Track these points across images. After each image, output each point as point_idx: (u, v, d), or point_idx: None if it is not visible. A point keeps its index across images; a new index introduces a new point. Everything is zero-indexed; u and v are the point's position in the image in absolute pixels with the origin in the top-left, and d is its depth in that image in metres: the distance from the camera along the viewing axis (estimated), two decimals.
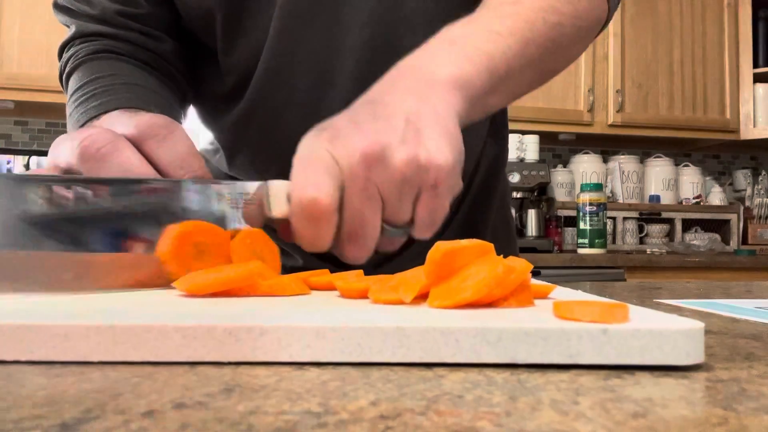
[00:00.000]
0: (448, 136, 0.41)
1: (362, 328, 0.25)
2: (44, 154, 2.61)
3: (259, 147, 0.67)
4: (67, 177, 0.40)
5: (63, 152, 0.44)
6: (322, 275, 0.42)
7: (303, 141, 0.40)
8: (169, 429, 0.18)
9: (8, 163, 2.66)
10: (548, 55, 0.53)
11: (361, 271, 0.43)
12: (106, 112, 0.55)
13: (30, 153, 2.68)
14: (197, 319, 0.26)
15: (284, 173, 0.41)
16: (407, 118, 0.40)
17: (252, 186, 0.41)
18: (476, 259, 0.33)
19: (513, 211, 2.59)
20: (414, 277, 0.34)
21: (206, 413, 0.19)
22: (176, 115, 0.65)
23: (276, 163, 0.49)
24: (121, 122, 0.47)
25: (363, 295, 0.35)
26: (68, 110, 0.61)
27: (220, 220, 0.41)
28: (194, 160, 0.45)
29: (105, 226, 0.38)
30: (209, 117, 0.72)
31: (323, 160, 0.38)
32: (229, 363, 0.26)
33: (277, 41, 0.62)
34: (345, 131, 0.40)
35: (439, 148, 0.40)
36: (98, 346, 0.25)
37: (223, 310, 0.30)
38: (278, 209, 0.40)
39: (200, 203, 0.41)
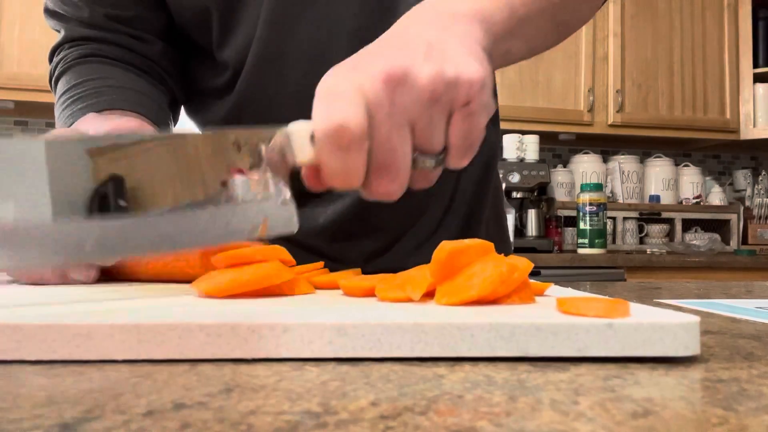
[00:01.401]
0: (474, 53, 0.38)
1: (382, 324, 0.26)
2: None
3: None
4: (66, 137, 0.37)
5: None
6: (323, 274, 0.43)
7: (323, 79, 0.37)
8: (169, 429, 0.18)
9: None
10: (561, 5, 0.53)
11: (359, 270, 0.43)
12: (94, 112, 0.56)
13: None
14: (220, 318, 0.27)
15: None
16: (429, 43, 0.38)
17: (270, 132, 0.37)
18: (479, 258, 0.34)
19: (513, 211, 2.61)
20: (419, 275, 0.35)
21: (206, 413, 0.19)
22: (164, 116, 0.65)
23: None
24: (94, 126, 0.46)
25: (367, 294, 0.36)
26: (56, 113, 0.61)
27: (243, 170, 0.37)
28: None
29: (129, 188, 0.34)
30: (200, 113, 0.72)
31: (346, 87, 0.35)
32: (229, 363, 0.26)
33: (268, 30, 0.62)
34: (365, 60, 0.37)
35: (467, 62, 0.37)
36: (122, 344, 0.26)
37: (243, 309, 0.30)
38: (303, 154, 0.36)
39: (225, 155, 0.36)
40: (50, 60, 0.67)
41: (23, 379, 0.23)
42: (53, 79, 0.66)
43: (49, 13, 0.67)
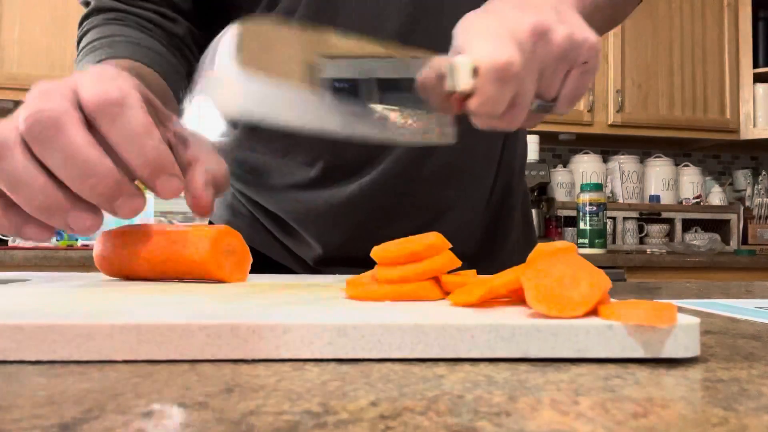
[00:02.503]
0: (586, 24, 0.45)
1: (382, 325, 0.26)
2: None
3: None
4: None
5: (19, 121, 0.38)
6: (459, 275, 0.39)
7: (465, 23, 0.43)
8: (169, 429, 0.18)
9: None
10: (620, 3, 0.63)
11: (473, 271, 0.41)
12: (105, 59, 0.56)
13: None
14: (220, 318, 0.27)
15: (311, 139, 0.43)
16: (557, 10, 0.44)
17: (425, 60, 0.43)
18: (568, 262, 0.31)
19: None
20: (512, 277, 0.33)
21: (206, 413, 0.19)
22: (180, 82, 0.65)
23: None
24: (87, 79, 0.44)
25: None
26: (75, 64, 0.62)
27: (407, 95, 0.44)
28: (147, 139, 0.39)
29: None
30: None
31: (505, 32, 0.41)
32: (229, 363, 0.26)
33: (315, 4, 0.63)
34: (506, 12, 0.43)
35: (588, 29, 0.44)
36: (123, 345, 0.26)
37: (243, 310, 0.30)
38: (464, 83, 0.41)
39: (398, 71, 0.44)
40: (79, 26, 0.69)
41: (23, 379, 0.23)
42: (78, 40, 0.67)
43: None
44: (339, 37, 0.42)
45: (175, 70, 0.64)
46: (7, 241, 2.18)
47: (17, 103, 2.49)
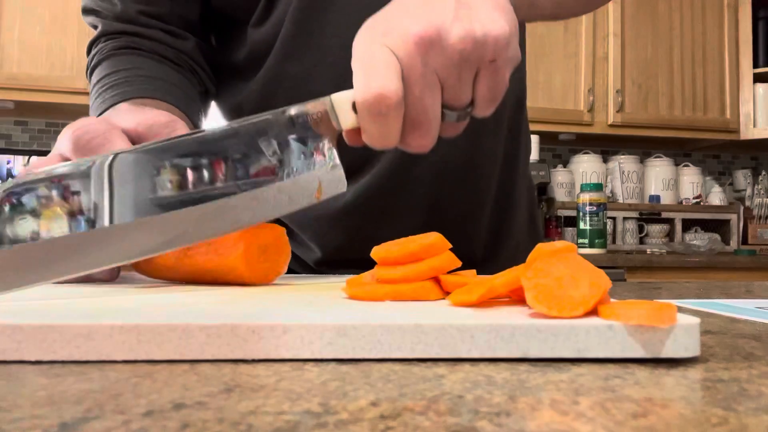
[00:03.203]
0: (500, 7, 0.40)
1: (382, 325, 0.26)
2: (44, 154, 2.61)
3: None
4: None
5: (61, 142, 0.44)
6: (459, 275, 0.40)
7: (357, 40, 0.40)
8: (169, 429, 0.18)
9: (8, 163, 2.66)
10: None
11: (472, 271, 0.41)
12: (123, 100, 0.57)
13: (30, 153, 2.68)
14: (220, 318, 0.27)
15: None
16: None
17: (311, 105, 0.40)
18: (568, 262, 0.31)
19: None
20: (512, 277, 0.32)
21: (206, 413, 0.19)
22: (195, 107, 0.66)
23: None
24: (125, 116, 0.47)
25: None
26: (90, 101, 0.63)
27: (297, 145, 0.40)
28: None
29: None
30: (234, 95, 0.72)
31: (381, 55, 0.38)
32: (229, 363, 0.26)
33: (303, 3, 0.62)
34: (396, 20, 0.39)
35: (494, 19, 0.39)
36: (122, 345, 0.26)
37: (243, 310, 0.30)
38: (347, 121, 0.40)
39: (278, 134, 0.40)
40: (88, 53, 0.69)
41: (23, 379, 0.23)
42: (89, 70, 0.67)
43: (86, 11, 0.69)
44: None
45: (189, 97, 0.65)
46: None
47: (17, 103, 2.49)
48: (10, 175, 2.64)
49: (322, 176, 0.40)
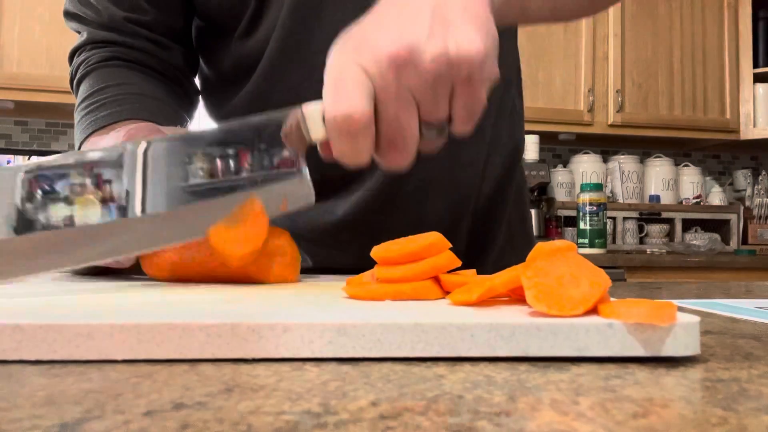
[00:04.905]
0: (478, 22, 0.39)
1: (382, 324, 0.26)
2: (44, 154, 2.61)
3: None
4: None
5: None
6: (459, 275, 0.40)
7: (330, 55, 0.39)
8: (169, 429, 0.18)
9: (8, 163, 2.66)
10: None
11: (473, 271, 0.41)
12: (115, 122, 0.57)
13: (30, 153, 2.68)
14: (220, 318, 0.27)
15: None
16: (433, 9, 0.38)
17: (285, 114, 0.40)
18: (567, 261, 0.31)
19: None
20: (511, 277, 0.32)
21: (206, 413, 0.19)
22: (181, 121, 0.66)
23: None
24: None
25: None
26: (76, 117, 0.62)
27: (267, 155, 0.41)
28: None
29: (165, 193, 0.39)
30: (222, 107, 0.71)
31: (352, 74, 0.37)
32: (229, 363, 0.26)
33: (293, 15, 0.62)
34: (370, 36, 0.38)
35: (470, 38, 0.37)
36: (122, 344, 0.26)
37: (243, 309, 0.30)
38: (317, 133, 0.39)
39: (244, 142, 0.40)
40: (70, 61, 0.68)
41: (23, 379, 0.23)
42: (74, 81, 0.66)
43: (69, 15, 0.68)
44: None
45: (177, 113, 0.64)
46: None
47: (17, 103, 2.49)
48: None
49: (288, 188, 0.40)
